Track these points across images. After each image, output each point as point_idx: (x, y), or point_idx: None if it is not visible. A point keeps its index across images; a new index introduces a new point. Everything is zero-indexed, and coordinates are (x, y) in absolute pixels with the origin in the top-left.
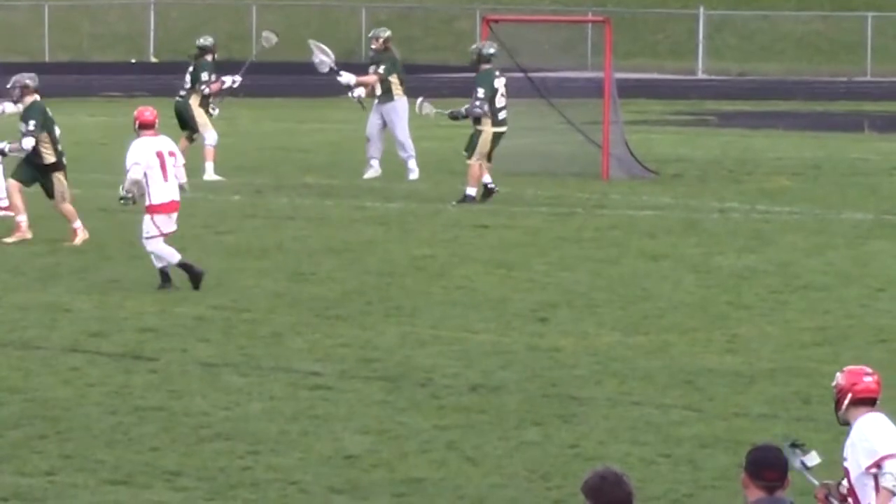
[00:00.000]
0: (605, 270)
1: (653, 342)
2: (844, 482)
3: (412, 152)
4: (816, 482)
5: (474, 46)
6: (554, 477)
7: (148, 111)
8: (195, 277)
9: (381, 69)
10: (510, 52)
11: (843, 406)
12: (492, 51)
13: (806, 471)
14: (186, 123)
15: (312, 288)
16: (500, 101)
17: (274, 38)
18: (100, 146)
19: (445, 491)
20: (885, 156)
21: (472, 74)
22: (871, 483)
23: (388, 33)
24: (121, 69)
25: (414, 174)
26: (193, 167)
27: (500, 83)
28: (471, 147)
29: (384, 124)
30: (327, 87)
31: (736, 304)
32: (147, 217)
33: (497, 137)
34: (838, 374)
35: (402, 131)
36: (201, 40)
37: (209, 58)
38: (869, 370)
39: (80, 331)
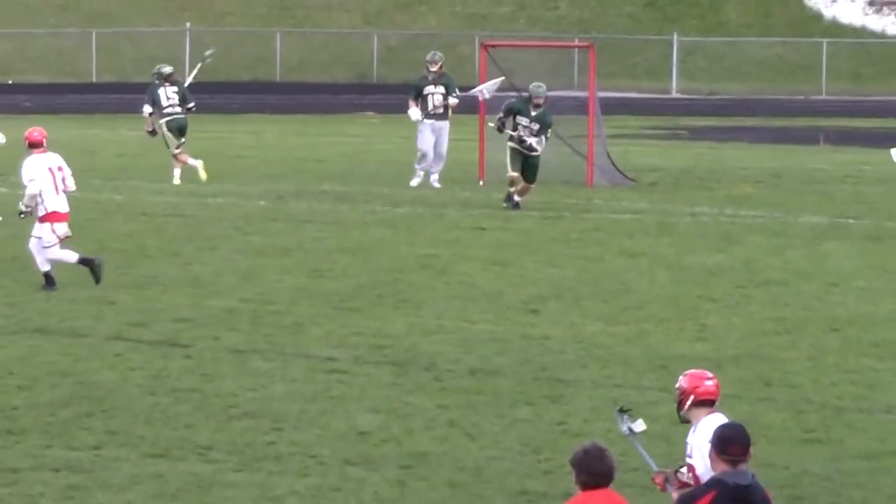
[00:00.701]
0: (590, 267)
1: (631, 331)
2: (683, 470)
3: (442, 167)
4: (641, 448)
5: (544, 91)
6: (544, 451)
7: (37, 132)
8: (95, 269)
9: (458, 91)
10: (506, 73)
11: (686, 406)
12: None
13: (632, 436)
14: (184, 134)
15: (329, 283)
16: None
17: (210, 52)
18: (140, 157)
19: (447, 463)
20: (839, 165)
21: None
22: None
23: (442, 56)
24: None
25: (437, 185)
26: (184, 172)
27: None
28: (536, 173)
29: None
30: (342, 105)
31: (705, 298)
32: (46, 226)
33: None
34: (681, 377)
35: (445, 147)
36: (167, 68)
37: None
38: (709, 374)
39: (122, 321)
